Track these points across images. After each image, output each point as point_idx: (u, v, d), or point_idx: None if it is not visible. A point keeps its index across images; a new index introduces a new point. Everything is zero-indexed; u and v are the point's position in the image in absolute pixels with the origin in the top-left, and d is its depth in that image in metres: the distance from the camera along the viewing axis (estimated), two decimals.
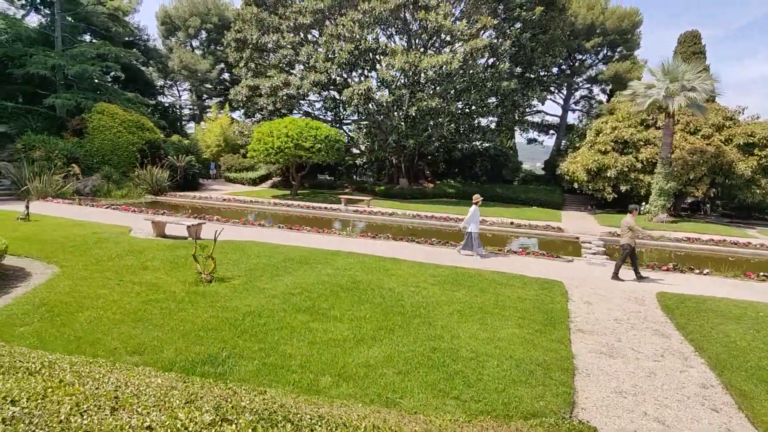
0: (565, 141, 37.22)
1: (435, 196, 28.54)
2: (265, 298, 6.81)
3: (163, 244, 10.62)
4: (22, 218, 13.20)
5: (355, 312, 6.38)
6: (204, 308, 6.23)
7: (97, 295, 6.58)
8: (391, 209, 20.91)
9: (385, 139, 23.94)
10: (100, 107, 26.01)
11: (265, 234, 13.30)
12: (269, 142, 23.50)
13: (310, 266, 9.01)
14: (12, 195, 19.56)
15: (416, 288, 7.86)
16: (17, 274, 7.97)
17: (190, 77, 43.07)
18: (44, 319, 5.62)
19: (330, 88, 26.32)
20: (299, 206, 21.59)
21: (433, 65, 22.13)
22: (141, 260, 8.80)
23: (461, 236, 16.19)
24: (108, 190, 22.87)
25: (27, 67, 26.48)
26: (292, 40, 26.35)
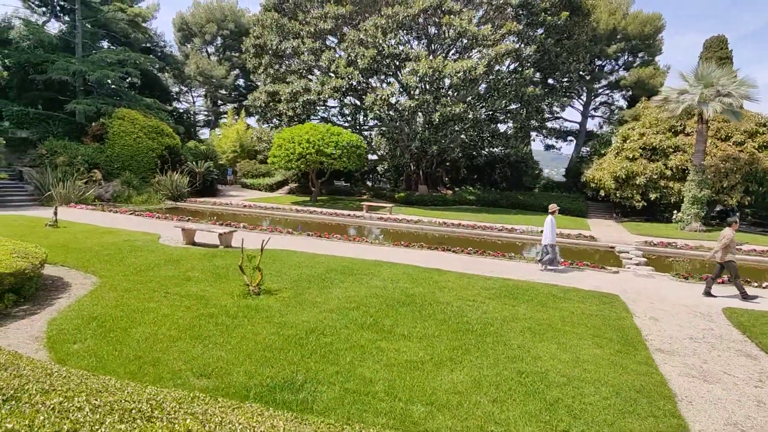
0: (586, 148, 36.71)
1: (455, 203, 28.13)
2: (320, 313, 6.42)
3: (198, 252, 10.29)
4: (51, 225, 12.96)
5: (422, 329, 5.97)
6: (261, 324, 5.85)
7: (146, 309, 6.23)
8: (416, 217, 20.50)
9: (407, 146, 23.58)
10: (121, 113, 25.95)
11: (295, 242, 12.93)
12: (290, 148, 23.26)
13: (356, 277, 8.62)
14: (35, 201, 19.43)
15: (473, 302, 7.43)
16: (56, 284, 7.66)
17: (205, 83, 43.17)
18: (97, 336, 5.26)
19: (350, 94, 26.05)
20: (322, 213, 21.26)
21: (458, 71, 21.82)
22: (181, 270, 8.46)
23: (495, 245, 15.80)
24: (128, 196, 22.70)
25: (49, 73, 26.54)
26: (312, 45, 26.18)
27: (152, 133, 26.40)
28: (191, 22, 42.71)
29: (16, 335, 5.44)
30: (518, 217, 22.83)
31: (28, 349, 5.03)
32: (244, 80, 47.56)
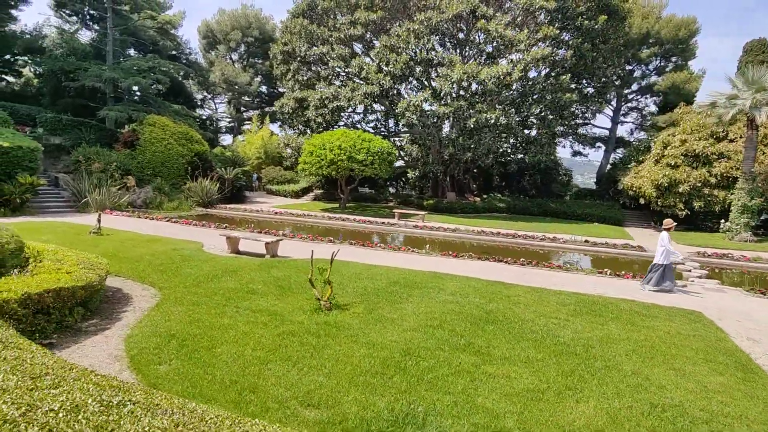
0: (615, 154, 35.88)
1: (485, 210, 27.59)
2: (404, 332, 6.00)
3: (252, 263, 9.97)
4: (95, 232, 12.81)
5: (521, 352, 5.51)
6: (347, 344, 5.45)
7: (222, 326, 5.88)
8: (452, 225, 20.02)
9: (440, 152, 23.16)
10: (151, 119, 26.04)
11: (340, 251, 12.55)
12: (322, 154, 23.03)
13: (422, 291, 8.19)
14: (71, 207, 19.44)
15: (557, 319, 6.94)
16: (117, 296, 7.39)
17: (229, 90, 43.40)
18: (182, 356, 4.91)
19: (381, 101, 25.76)
20: (354, 221, 20.92)
21: (493, 76, 21.39)
22: (242, 282, 8.13)
23: (538, 254, 15.25)
24: (160, 202, 22.66)
25: (82, 80, 26.82)
26: (341, 52, 26.01)
27: (182, 140, 26.43)
28: (216, 30, 43.07)
29: (94, 353, 5.12)
30: (554, 225, 22.21)
31: (111, 369, 4.71)
32: (266, 87, 47.81)
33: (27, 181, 17.24)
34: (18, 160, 17.75)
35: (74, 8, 33.46)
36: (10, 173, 17.45)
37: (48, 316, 5.57)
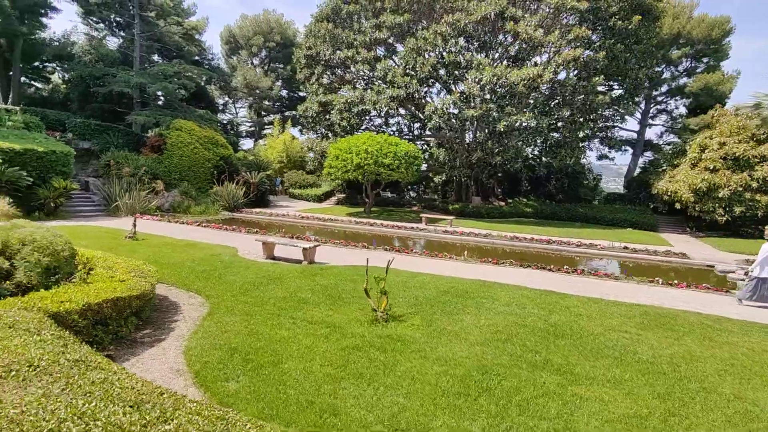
0: (642, 158, 35.01)
1: (512, 215, 27.06)
2: (472, 347, 5.66)
3: (293, 269, 9.73)
4: (131, 237, 12.76)
5: (604, 370, 5.12)
6: (418, 360, 5.13)
7: (282, 338, 5.62)
8: (483, 230, 19.58)
9: (468, 156, 22.76)
10: (178, 123, 26.20)
11: (374, 257, 12.26)
12: (348, 158, 22.82)
13: (475, 301, 7.84)
14: (102, 211, 19.56)
15: (628, 334, 6.51)
16: (164, 305, 7.20)
17: (250, 95, 43.66)
18: (249, 372, 4.65)
19: (407, 104, 25.49)
20: (382, 225, 20.63)
21: (524, 78, 20.96)
22: (289, 291, 7.88)
23: (576, 261, 14.75)
24: (187, 206, 22.68)
25: (110, 86, 27.15)
26: (366, 55, 25.84)
27: (208, 144, 26.55)
28: (238, 35, 43.43)
29: (155, 367, 4.90)
30: (586, 231, 21.61)
31: (175, 385, 4.47)
32: (286, 91, 48.00)
33: (61, 186, 17.37)
34: (52, 164, 17.91)
35: (101, 15, 34.07)
36: (45, 177, 17.60)
37: (105, 326, 5.38)
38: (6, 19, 29.20)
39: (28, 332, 3.59)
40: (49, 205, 17.15)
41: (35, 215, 16.91)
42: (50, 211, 17.29)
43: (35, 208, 17.12)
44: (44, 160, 17.68)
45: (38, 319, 4.02)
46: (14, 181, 16.38)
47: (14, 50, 31.49)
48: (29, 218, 16.51)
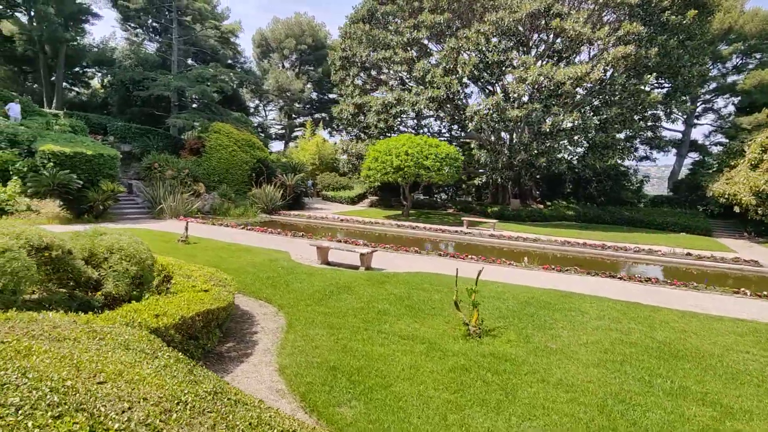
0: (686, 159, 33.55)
1: (553, 218, 26.18)
2: (587, 368, 5.12)
3: (358, 277, 9.34)
4: (183, 240, 12.64)
5: (754, 401, 4.52)
6: (536, 384, 4.64)
7: (380, 356, 5.20)
8: (531, 234, 18.86)
9: (511, 158, 22.07)
10: (216, 126, 26.31)
11: (432, 264, 11.80)
12: (388, 160, 22.43)
13: (563, 314, 7.28)
14: (146, 213, 19.68)
15: (751, 355, 5.85)
16: (238, 314, 6.90)
17: (282, 97, 43.83)
18: (360, 396, 4.24)
19: (447, 105, 24.95)
20: (425, 229, 20.14)
21: (570, 77, 20.18)
22: (363, 301, 7.48)
23: (636, 267, 13.91)
24: (226, 209, 22.68)
25: (151, 90, 27.47)
26: (404, 55, 25.43)
27: (245, 146, 26.59)
28: (270, 38, 43.67)
29: (251, 386, 4.54)
30: (639, 236, 20.63)
31: (282, 408, 4.09)
32: (317, 93, 48.04)
33: (109, 188, 17.51)
34: (100, 167, 18.08)
35: (139, 21, 34.69)
36: (93, 180, 17.78)
37: (195, 340, 5.07)
38: (51, 26, 30.00)
39: (145, 354, 3.26)
40: (98, 208, 17.30)
41: (84, 218, 17.09)
42: (98, 213, 17.44)
43: (84, 210, 17.30)
44: (92, 163, 17.85)
45: (146, 337, 3.70)
46: (65, 184, 16.57)
47: (58, 56, 32.34)
48: (79, 221, 16.69)
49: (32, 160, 17.35)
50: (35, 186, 16.16)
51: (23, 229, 4.48)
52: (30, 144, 18.02)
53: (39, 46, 31.69)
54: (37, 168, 17.06)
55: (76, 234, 5.73)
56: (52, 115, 24.63)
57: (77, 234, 5.72)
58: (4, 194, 15.86)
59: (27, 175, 17.02)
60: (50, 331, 3.30)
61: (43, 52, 32.01)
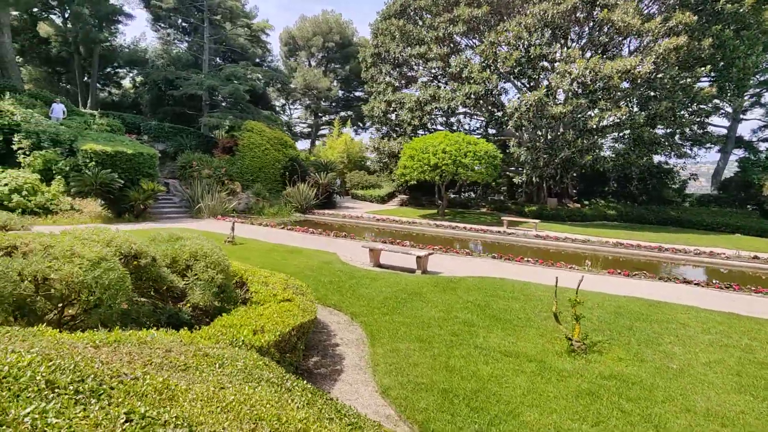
0: (733, 156, 32.00)
1: (594, 218, 25.21)
2: (726, 395, 4.51)
3: (423, 281, 8.83)
4: (230, 241, 12.34)
5: None
6: (684, 415, 4.05)
7: (489, 376, 4.68)
8: (579, 235, 18.04)
9: (553, 155, 21.24)
10: (249, 125, 26.14)
11: (484, 266, 11.22)
12: (425, 158, 21.86)
13: (661, 326, 6.62)
14: (184, 213, 19.58)
15: None
16: None
17: (309, 95, 43.61)
18: (488, 427, 3.72)
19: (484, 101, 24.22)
20: (465, 229, 19.51)
21: (619, 70, 19.25)
22: (440, 309, 6.97)
23: (697, 271, 13.00)
24: (261, 208, 22.47)
25: (184, 89, 27.46)
26: (440, 51, 24.79)
27: (277, 145, 26.37)
28: (298, 36, 43.47)
29: (360, 410, 4.07)
30: (687, 236, 19.60)
31: None
32: (342, 91, 47.70)
33: (149, 187, 17.41)
34: (139, 166, 18.02)
35: (170, 21, 34.83)
36: (132, 179, 17.71)
37: (286, 356, 4.63)
38: (86, 27, 30.31)
39: (277, 386, 2.81)
40: (139, 207, 17.23)
41: (125, 217, 17.04)
42: (139, 212, 17.37)
43: (125, 209, 17.25)
44: (132, 162, 17.79)
45: (262, 362, 3.26)
46: (107, 183, 16.52)
47: (92, 56, 32.72)
48: (120, 220, 16.63)
49: (74, 159, 17.38)
50: (79, 185, 16.15)
51: (112, 235, 4.11)
52: (71, 143, 18.06)
53: (74, 47, 32.09)
54: (78, 167, 17.08)
55: (151, 239, 5.36)
56: (90, 114, 24.81)
57: (152, 239, 5.36)
58: (48, 193, 15.89)
59: (69, 174, 17.06)
60: (165, 356, 2.87)
61: (77, 52, 32.41)
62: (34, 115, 19.10)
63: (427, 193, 32.54)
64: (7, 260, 3.39)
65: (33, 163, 16.80)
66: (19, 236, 3.98)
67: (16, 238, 3.89)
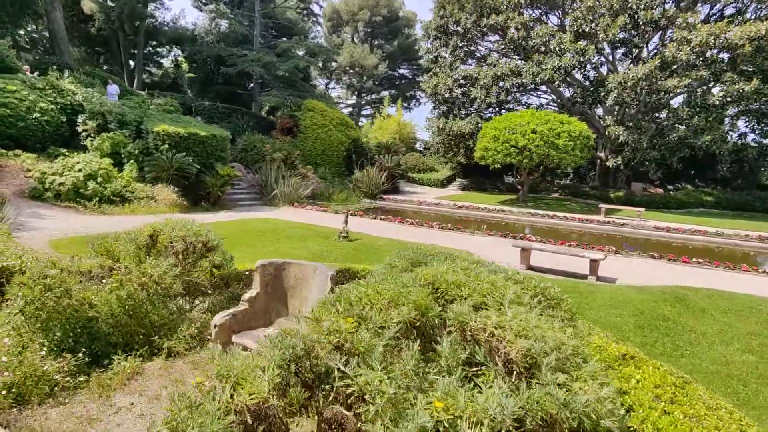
0: None
1: (690, 205, 22.84)
2: None
3: (634, 295, 6.99)
4: (344, 237, 10.70)
5: None
6: None
7: None
8: (710, 227, 15.79)
9: (664, 135, 18.90)
10: (310, 104, 24.40)
11: (657, 270, 9.33)
12: (512, 139, 19.79)
13: None
14: (255, 200, 18.10)
15: None
16: None
17: (355, 73, 41.51)
18: None
19: (576, 74, 21.85)
20: (566, 218, 17.53)
21: (749, 36, 16.67)
22: (750, 349, 5.15)
23: None
24: (330, 194, 20.83)
25: (239, 66, 25.80)
26: (520, 20, 22.39)
27: (340, 126, 24.62)
28: (343, 11, 41.14)
29: None
30: None
31: None
32: (387, 69, 45.43)
33: (225, 173, 15.91)
34: (212, 149, 16.51)
35: None
36: (205, 164, 16.21)
37: None
38: (131, 2, 28.78)
39: None
40: (216, 194, 15.77)
41: (201, 206, 15.62)
42: (215, 200, 15.92)
43: (201, 197, 15.82)
44: (205, 145, 16.28)
45: None
46: (184, 168, 15.05)
47: (138, 34, 31.25)
48: (197, 209, 15.21)
49: (142, 142, 15.95)
50: (155, 170, 14.71)
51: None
52: (138, 125, 16.62)
53: (118, 24, 30.63)
54: (149, 150, 15.65)
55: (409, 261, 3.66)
56: (148, 94, 23.41)
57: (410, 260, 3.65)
58: (122, 179, 14.51)
59: (138, 158, 15.66)
60: None
61: (122, 30, 30.95)
62: (95, 95, 17.67)
63: (489, 177, 30.44)
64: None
65: (101, 147, 15.42)
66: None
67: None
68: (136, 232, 3.44)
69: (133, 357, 2.90)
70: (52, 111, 15.45)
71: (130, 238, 3.38)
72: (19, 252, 4.09)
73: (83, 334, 2.78)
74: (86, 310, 2.75)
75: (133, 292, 2.91)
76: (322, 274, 2.92)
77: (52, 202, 12.56)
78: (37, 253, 4.65)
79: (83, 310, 2.73)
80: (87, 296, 2.83)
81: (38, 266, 2.74)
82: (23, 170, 13.42)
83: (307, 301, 2.90)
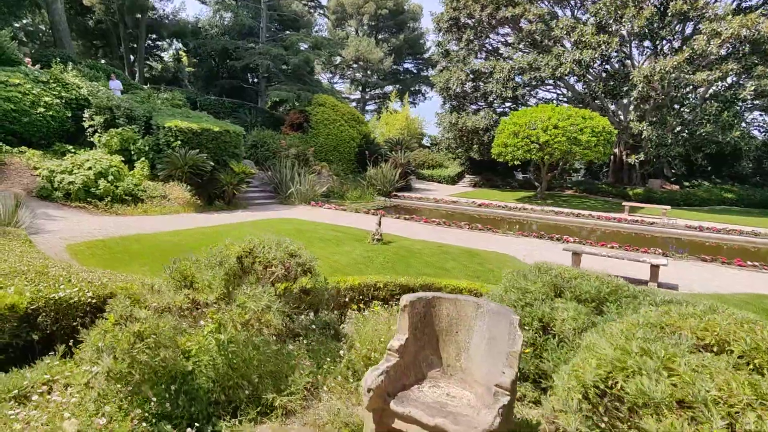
0: None
1: (710, 202, 22.37)
2: None
3: None
4: (378, 239, 10.06)
5: None
6: None
7: None
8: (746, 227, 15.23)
9: (691, 131, 18.34)
10: (321, 99, 23.65)
11: (725, 278, 8.77)
12: (533, 134, 19.17)
13: None
14: (270, 198, 17.42)
15: None
16: None
17: (359, 68, 40.69)
18: None
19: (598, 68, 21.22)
20: (590, 216, 16.98)
21: None
22: None
23: None
24: (344, 192, 20.19)
25: (245, 59, 25.00)
26: (537, 12, 21.73)
27: (351, 121, 23.89)
28: (348, 3, 40.21)
29: None
30: None
31: None
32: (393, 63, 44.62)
33: (240, 170, 15.20)
34: (226, 145, 15.77)
35: None
36: (218, 161, 15.49)
37: None
38: None
39: None
40: (230, 193, 15.07)
41: (216, 204, 14.93)
42: (230, 199, 15.22)
43: (215, 196, 15.11)
44: (218, 141, 15.54)
45: None
46: (198, 165, 14.33)
47: (138, 26, 30.32)
48: (211, 209, 14.54)
49: (152, 138, 15.21)
50: (168, 168, 13.97)
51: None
52: (147, 120, 15.86)
53: (118, 16, 29.69)
54: (159, 147, 14.91)
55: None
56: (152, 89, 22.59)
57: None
58: (133, 178, 13.78)
59: (149, 154, 14.93)
60: None
61: (122, 22, 30.01)
62: (100, 89, 16.86)
63: (500, 173, 29.86)
64: None
65: (109, 143, 14.64)
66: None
67: None
68: (220, 254, 2.78)
69: (245, 420, 2.24)
70: (57, 105, 14.65)
71: (215, 261, 2.72)
72: (63, 272, 3.39)
73: (180, 393, 2.15)
74: (182, 361, 2.11)
75: (235, 334, 2.27)
76: (492, 316, 2.21)
77: (61, 202, 11.84)
78: (76, 269, 3.96)
79: (180, 362, 2.09)
80: (183, 343, 2.19)
81: (120, 305, 2.08)
82: (29, 168, 12.66)
83: (468, 350, 2.26)
